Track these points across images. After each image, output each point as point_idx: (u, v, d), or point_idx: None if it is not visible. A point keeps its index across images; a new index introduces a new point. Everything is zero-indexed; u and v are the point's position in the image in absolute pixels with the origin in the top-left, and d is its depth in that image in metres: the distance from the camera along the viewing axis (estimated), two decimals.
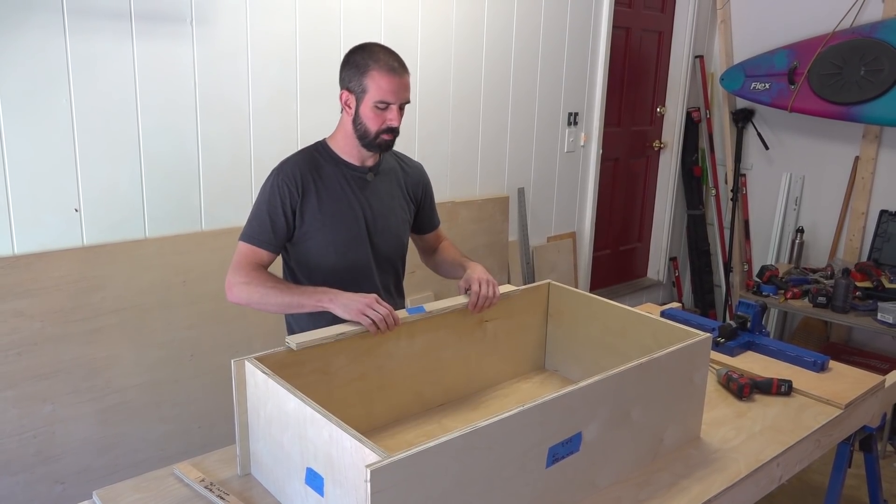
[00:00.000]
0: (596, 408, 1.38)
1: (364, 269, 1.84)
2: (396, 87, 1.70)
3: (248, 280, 1.70)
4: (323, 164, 1.80)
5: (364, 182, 1.83)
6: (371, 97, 1.70)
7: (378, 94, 1.69)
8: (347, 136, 1.79)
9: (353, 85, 1.72)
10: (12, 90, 1.97)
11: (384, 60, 1.70)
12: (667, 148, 4.41)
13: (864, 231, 3.86)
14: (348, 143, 1.80)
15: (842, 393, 1.90)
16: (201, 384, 2.40)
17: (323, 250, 1.79)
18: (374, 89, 1.69)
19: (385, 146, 1.78)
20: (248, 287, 1.69)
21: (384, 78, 1.69)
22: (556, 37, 3.48)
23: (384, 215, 1.86)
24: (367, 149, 1.78)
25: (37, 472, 2.11)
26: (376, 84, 1.69)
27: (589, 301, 1.86)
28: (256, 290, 1.68)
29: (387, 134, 1.74)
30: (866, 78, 3.46)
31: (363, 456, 1.08)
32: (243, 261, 1.74)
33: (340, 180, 1.80)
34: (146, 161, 2.25)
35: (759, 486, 1.59)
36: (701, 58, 4.30)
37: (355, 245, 1.82)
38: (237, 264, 1.73)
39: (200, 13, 2.27)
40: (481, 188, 3.31)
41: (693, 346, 1.56)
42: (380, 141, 1.75)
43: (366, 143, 1.76)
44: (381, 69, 1.69)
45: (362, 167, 1.83)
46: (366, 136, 1.74)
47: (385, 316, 1.56)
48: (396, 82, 1.70)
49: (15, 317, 2.02)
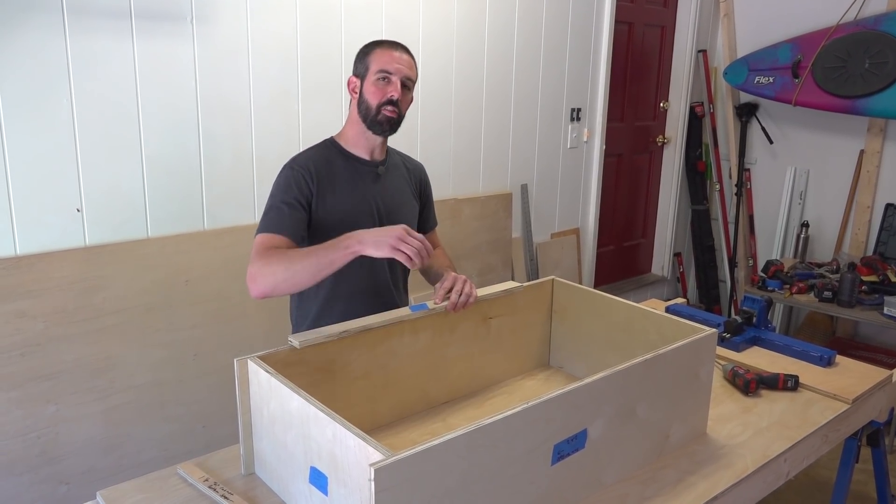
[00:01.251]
0: (601, 405, 1.36)
1: (376, 264, 1.82)
2: (397, 59, 1.76)
3: (267, 260, 1.57)
4: (334, 159, 1.80)
5: (376, 176, 1.83)
6: (372, 72, 1.76)
7: (378, 66, 1.75)
8: (354, 125, 1.80)
9: (359, 69, 1.79)
10: (13, 90, 1.97)
11: (387, 43, 1.79)
12: (670, 143, 4.40)
13: (869, 225, 3.84)
14: (356, 133, 1.81)
15: (849, 388, 1.88)
16: (205, 384, 2.40)
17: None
18: (374, 64, 1.76)
19: (388, 123, 1.77)
20: (269, 266, 1.56)
21: (385, 53, 1.76)
22: (559, 32, 3.46)
23: (396, 209, 1.86)
24: (372, 129, 1.78)
25: (41, 473, 2.11)
26: (377, 58, 1.76)
27: (593, 297, 1.85)
28: (280, 264, 1.55)
29: (388, 108, 1.75)
30: (871, 71, 3.44)
31: (367, 455, 1.07)
32: (261, 250, 1.62)
33: (352, 175, 1.80)
34: (148, 160, 2.24)
35: (767, 482, 1.58)
36: (704, 52, 4.28)
37: None
38: (255, 255, 1.61)
39: (201, 11, 2.26)
40: (484, 185, 3.30)
41: (699, 342, 1.55)
42: (381, 117, 1.75)
43: (370, 122, 1.77)
44: (382, 48, 1.78)
45: (372, 161, 1.83)
46: (369, 112, 1.76)
47: (420, 249, 1.49)
48: (396, 56, 1.76)
49: (18, 317, 2.02)
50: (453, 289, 1.69)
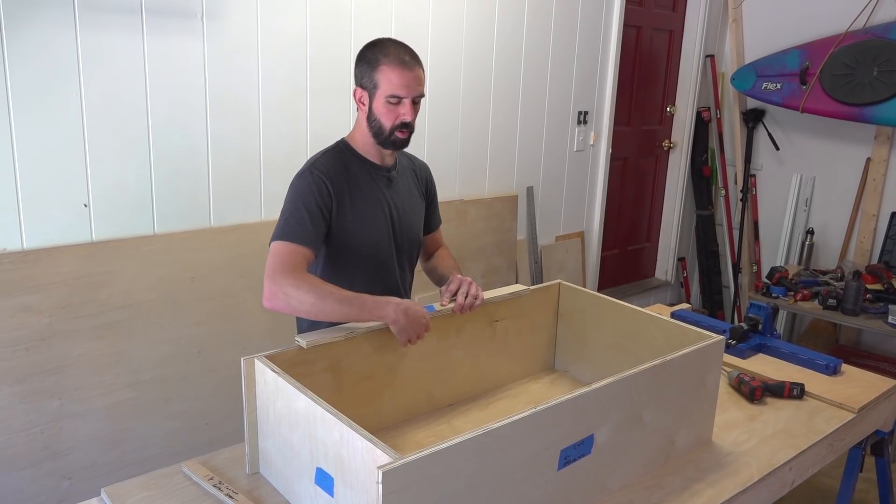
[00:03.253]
0: (608, 410, 1.36)
1: (387, 267, 1.82)
2: (407, 80, 1.67)
3: (299, 285, 1.52)
4: (350, 163, 1.77)
5: (389, 181, 1.82)
6: (382, 92, 1.68)
7: (389, 89, 1.67)
8: (364, 135, 1.77)
9: (365, 81, 1.71)
10: (22, 85, 1.97)
11: (394, 54, 1.68)
12: (676, 148, 4.39)
13: (874, 233, 3.83)
14: (366, 142, 1.77)
15: (854, 397, 1.88)
16: (209, 381, 2.40)
17: (354, 250, 1.75)
18: (384, 84, 1.67)
19: (400, 143, 1.75)
20: (300, 291, 1.52)
21: (394, 72, 1.66)
22: (567, 35, 3.46)
23: (407, 213, 1.85)
24: (383, 146, 1.76)
25: (44, 468, 2.11)
26: (387, 79, 1.67)
27: (600, 302, 1.85)
28: (310, 296, 1.51)
29: (401, 131, 1.71)
30: (879, 79, 3.43)
31: (375, 457, 1.07)
32: (286, 262, 1.57)
33: (368, 179, 1.78)
34: (155, 157, 2.24)
35: (772, 491, 1.58)
36: (712, 57, 4.27)
37: (382, 244, 1.80)
38: (279, 266, 1.56)
39: (211, 9, 2.26)
40: (490, 187, 3.30)
41: (706, 349, 1.55)
42: (394, 138, 1.72)
43: (381, 141, 1.74)
44: (391, 63, 1.67)
45: (384, 166, 1.81)
46: (380, 132, 1.72)
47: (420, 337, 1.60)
48: (407, 76, 1.67)
49: (23, 312, 2.02)
50: (459, 290, 1.69)
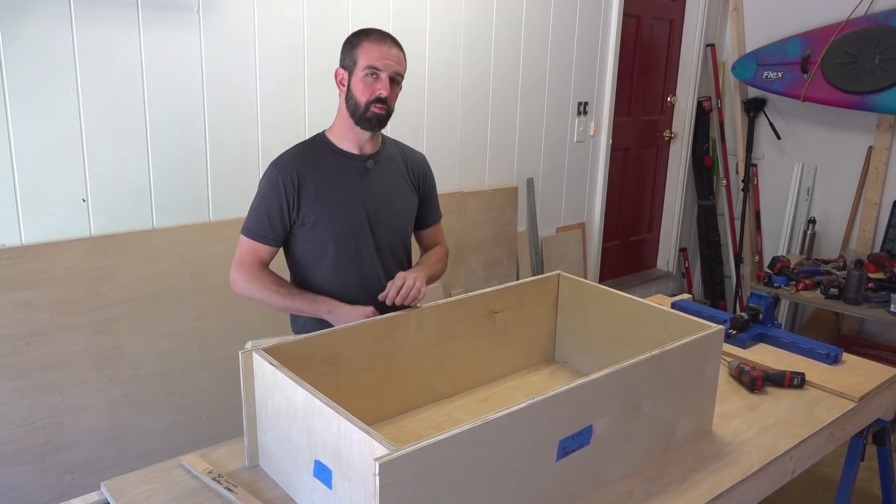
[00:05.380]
0: (607, 401, 1.36)
1: (366, 259, 1.83)
2: (385, 54, 1.73)
3: (251, 279, 1.76)
4: (320, 155, 1.80)
5: (364, 170, 1.82)
6: (360, 66, 1.73)
7: (366, 61, 1.73)
8: (343, 119, 1.79)
9: (347, 61, 1.77)
10: (19, 79, 1.96)
11: (376, 35, 1.75)
12: (677, 138, 4.37)
13: (877, 222, 3.81)
14: (344, 128, 1.80)
15: (855, 386, 1.87)
16: (209, 375, 2.40)
17: (323, 242, 1.79)
18: (363, 58, 1.74)
19: (377, 120, 1.76)
20: (251, 285, 1.76)
21: (373, 47, 1.73)
22: (566, 25, 3.44)
23: (386, 204, 1.85)
24: (361, 126, 1.77)
25: (46, 462, 2.11)
26: (366, 53, 1.73)
27: (599, 292, 1.85)
28: (259, 291, 1.75)
29: (377, 105, 1.73)
30: (881, 66, 3.41)
31: (372, 449, 1.07)
32: (246, 256, 1.78)
33: (339, 171, 1.79)
34: (153, 151, 2.24)
35: (772, 480, 1.57)
36: (712, 46, 4.25)
37: (356, 236, 1.81)
38: (240, 259, 1.79)
39: (207, 1, 2.25)
40: (490, 178, 3.29)
41: (705, 339, 1.54)
42: (370, 114, 1.74)
43: (358, 118, 1.76)
44: (371, 40, 1.74)
45: (361, 155, 1.82)
46: (357, 109, 1.75)
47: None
48: (385, 51, 1.73)
49: (23, 307, 2.02)
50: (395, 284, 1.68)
